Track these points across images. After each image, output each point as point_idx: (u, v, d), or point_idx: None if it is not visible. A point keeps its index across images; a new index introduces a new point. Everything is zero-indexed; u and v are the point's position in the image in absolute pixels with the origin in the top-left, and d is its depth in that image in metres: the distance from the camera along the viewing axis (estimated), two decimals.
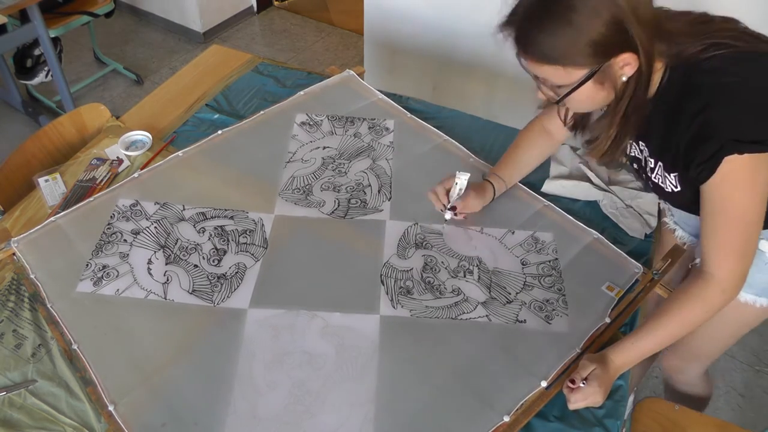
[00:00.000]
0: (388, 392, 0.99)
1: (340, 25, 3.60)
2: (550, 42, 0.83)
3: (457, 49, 2.27)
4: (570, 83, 0.87)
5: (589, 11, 0.79)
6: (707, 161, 0.85)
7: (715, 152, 0.83)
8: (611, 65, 0.84)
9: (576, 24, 0.80)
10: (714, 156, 0.84)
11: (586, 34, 0.80)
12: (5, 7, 2.18)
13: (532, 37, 0.84)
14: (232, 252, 1.21)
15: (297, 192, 1.34)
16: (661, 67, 0.89)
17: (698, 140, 0.85)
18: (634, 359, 1.00)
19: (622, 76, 0.86)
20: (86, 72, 3.14)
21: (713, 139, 0.83)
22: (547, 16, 0.82)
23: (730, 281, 0.93)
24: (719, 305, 0.95)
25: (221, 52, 1.84)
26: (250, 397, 0.98)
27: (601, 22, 0.79)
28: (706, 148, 0.84)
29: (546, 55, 0.85)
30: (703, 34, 0.87)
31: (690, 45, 0.87)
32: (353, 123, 1.53)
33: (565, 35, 0.81)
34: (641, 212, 1.30)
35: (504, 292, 1.15)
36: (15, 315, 1.10)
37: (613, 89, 0.88)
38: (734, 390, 1.87)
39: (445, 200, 1.23)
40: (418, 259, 1.20)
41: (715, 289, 0.93)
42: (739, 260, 0.91)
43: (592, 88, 0.87)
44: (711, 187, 0.87)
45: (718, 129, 0.83)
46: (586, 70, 0.85)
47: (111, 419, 0.95)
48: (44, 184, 1.35)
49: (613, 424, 0.97)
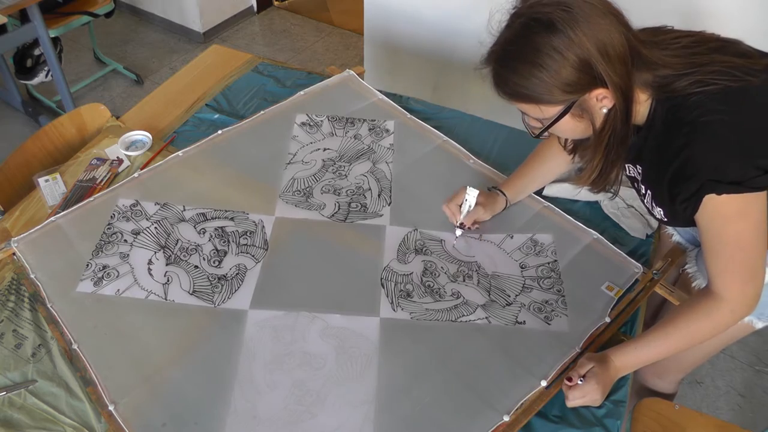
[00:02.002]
0: (388, 392, 0.99)
1: (340, 25, 3.60)
2: (522, 83, 0.85)
3: (457, 49, 2.27)
4: (548, 118, 0.89)
5: (555, 53, 0.81)
6: (689, 199, 0.86)
7: (695, 191, 0.84)
8: (586, 99, 0.86)
9: (544, 66, 0.82)
10: (695, 194, 0.85)
11: (554, 75, 0.82)
12: (5, 7, 2.18)
13: (505, 77, 0.88)
14: (232, 253, 1.21)
15: (297, 194, 1.34)
16: (646, 99, 0.90)
17: (680, 178, 0.86)
18: (635, 364, 1.00)
19: (602, 108, 0.87)
20: (86, 72, 3.14)
21: (693, 178, 0.84)
22: (517, 58, 0.85)
23: (739, 302, 0.92)
24: (728, 324, 0.94)
25: (221, 52, 1.84)
26: (251, 397, 0.98)
27: (568, 64, 0.81)
28: (688, 186, 0.85)
29: (519, 95, 0.88)
30: (694, 65, 0.86)
31: (677, 78, 0.86)
32: (353, 124, 1.53)
33: (534, 77, 0.84)
34: (642, 212, 1.30)
35: (503, 294, 1.15)
36: (15, 315, 1.10)
37: (592, 121, 0.89)
38: (734, 390, 1.88)
39: (458, 216, 1.24)
40: (418, 264, 1.20)
41: (724, 309, 0.93)
42: (746, 283, 0.91)
43: (570, 121, 0.89)
44: (702, 221, 0.88)
45: (697, 168, 0.84)
46: (560, 107, 0.87)
47: (111, 419, 0.95)
48: (44, 184, 1.35)
49: (613, 424, 0.98)
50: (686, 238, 1.24)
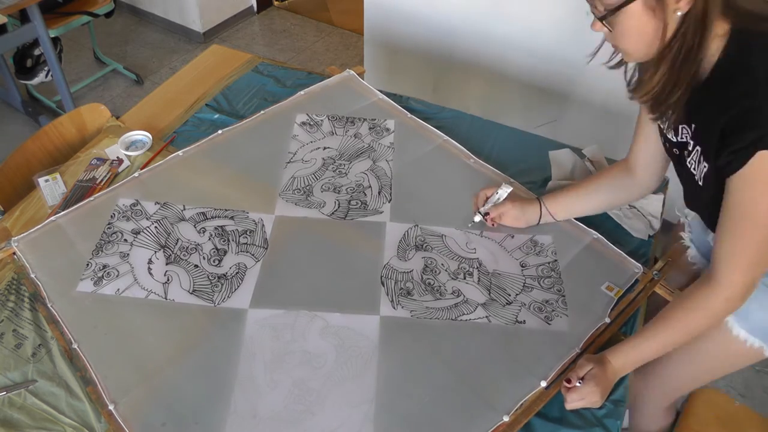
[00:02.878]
0: (388, 392, 0.99)
1: (340, 25, 3.60)
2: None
3: (457, 49, 2.27)
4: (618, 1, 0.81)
5: None
6: (740, 150, 0.79)
7: (751, 142, 0.78)
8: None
9: None
10: (749, 146, 0.78)
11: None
12: (5, 7, 2.18)
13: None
14: (232, 252, 1.21)
15: (297, 192, 1.34)
16: (723, 33, 0.82)
17: (738, 126, 0.80)
18: (634, 362, 0.99)
19: (676, 11, 0.79)
20: (86, 72, 3.14)
21: (752, 128, 0.78)
22: None
23: (735, 290, 0.89)
24: (722, 313, 0.92)
25: (221, 52, 1.84)
26: (251, 396, 0.98)
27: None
28: (743, 136, 0.79)
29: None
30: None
31: (763, 20, 0.79)
32: (353, 123, 1.53)
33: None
34: (645, 213, 1.30)
35: (503, 293, 1.15)
36: (15, 315, 1.10)
37: (664, 23, 0.80)
38: (734, 390, 1.88)
39: (482, 204, 1.23)
40: (418, 261, 1.20)
41: (718, 297, 0.90)
42: (749, 269, 0.87)
43: (642, 14, 0.81)
44: (737, 183, 0.82)
45: (759, 119, 0.78)
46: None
47: (111, 419, 0.95)
48: (44, 184, 1.35)
49: (613, 424, 0.97)
50: (705, 254, 1.20)
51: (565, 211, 1.23)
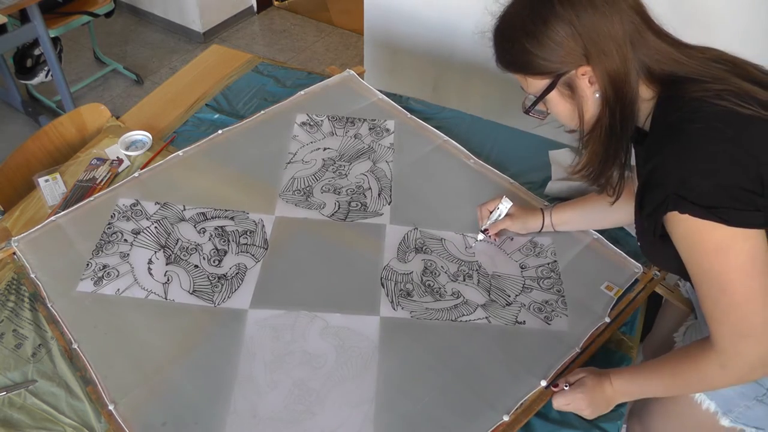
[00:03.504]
0: (388, 392, 0.99)
1: (340, 25, 3.60)
2: (508, 49, 0.86)
3: (457, 49, 2.27)
4: (536, 91, 0.88)
5: (542, 23, 0.80)
6: (651, 214, 0.79)
7: (657, 204, 0.77)
8: (573, 78, 0.83)
9: (530, 34, 0.82)
10: (657, 208, 0.77)
11: (538, 45, 0.81)
12: (5, 7, 2.18)
13: (497, 43, 0.88)
14: (232, 252, 1.21)
15: (297, 193, 1.34)
16: (651, 97, 0.84)
17: (647, 186, 0.79)
18: (629, 393, 0.94)
19: (595, 93, 0.83)
20: (86, 72, 3.14)
21: (658, 188, 0.76)
22: (510, 25, 0.86)
23: (732, 358, 0.79)
24: (720, 382, 0.84)
25: (221, 52, 1.84)
26: (251, 396, 0.98)
27: (553, 33, 0.80)
28: (652, 197, 0.78)
29: (506, 62, 0.88)
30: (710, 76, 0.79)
31: (687, 82, 0.80)
32: (353, 124, 1.53)
33: (519, 44, 0.83)
34: None
35: (503, 294, 1.15)
36: (15, 315, 1.10)
37: (579, 104, 0.86)
38: None
39: (485, 221, 1.23)
40: (418, 263, 1.20)
41: (714, 363, 0.81)
42: (741, 338, 0.77)
43: (560, 100, 0.87)
44: (678, 245, 0.79)
45: (664, 177, 0.76)
46: (547, 81, 0.85)
47: (111, 419, 0.95)
48: (44, 184, 1.35)
49: (613, 426, 0.98)
50: None
51: (566, 224, 1.22)
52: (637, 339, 1.11)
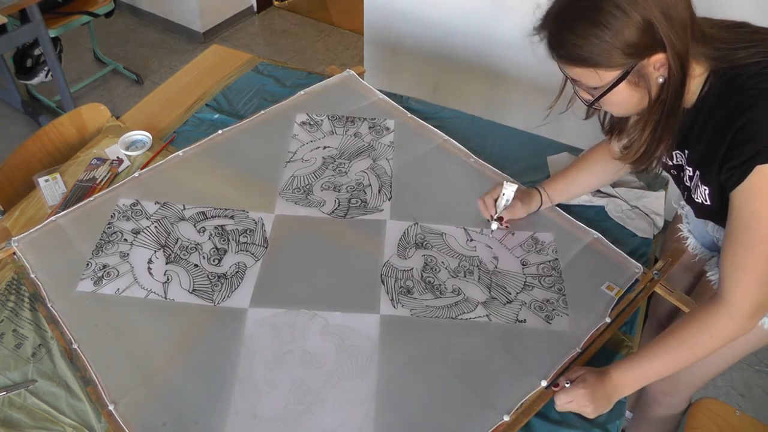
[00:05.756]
0: (388, 391, 0.99)
1: (340, 25, 3.60)
2: (580, 44, 0.82)
3: (457, 49, 2.27)
4: (603, 85, 0.86)
5: (618, 11, 0.78)
6: (739, 166, 0.81)
7: (749, 157, 0.80)
8: (644, 66, 0.83)
9: (605, 26, 0.79)
10: (747, 161, 0.80)
11: (615, 36, 0.79)
12: (5, 7, 2.18)
13: (563, 39, 0.84)
14: (232, 251, 1.21)
15: (297, 192, 1.34)
16: (702, 72, 0.86)
17: (737, 143, 0.82)
18: (634, 381, 0.95)
19: (658, 78, 0.84)
20: (86, 72, 3.14)
21: (751, 142, 0.80)
22: (577, 18, 0.82)
23: (742, 309, 0.86)
24: (730, 334, 0.89)
25: (221, 52, 1.84)
26: (251, 396, 0.98)
27: (631, 23, 0.78)
28: (741, 152, 0.81)
29: (577, 57, 0.84)
30: (747, 40, 0.84)
31: (734, 50, 0.83)
32: (353, 123, 1.53)
33: (595, 37, 0.80)
34: (647, 212, 1.30)
35: (504, 292, 1.15)
36: (15, 315, 1.10)
37: (648, 90, 0.85)
38: (734, 390, 1.87)
39: (492, 210, 1.23)
40: (419, 259, 1.20)
41: (724, 317, 0.87)
42: (755, 287, 0.85)
43: (626, 89, 0.86)
44: (740, 197, 0.83)
45: (757, 133, 0.79)
46: (618, 72, 0.83)
47: (111, 419, 0.95)
48: (44, 184, 1.35)
49: (613, 426, 0.97)
50: (705, 244, 1.19)
51: (560, 197, 1.27)
52: (637, 339, 1.11)
